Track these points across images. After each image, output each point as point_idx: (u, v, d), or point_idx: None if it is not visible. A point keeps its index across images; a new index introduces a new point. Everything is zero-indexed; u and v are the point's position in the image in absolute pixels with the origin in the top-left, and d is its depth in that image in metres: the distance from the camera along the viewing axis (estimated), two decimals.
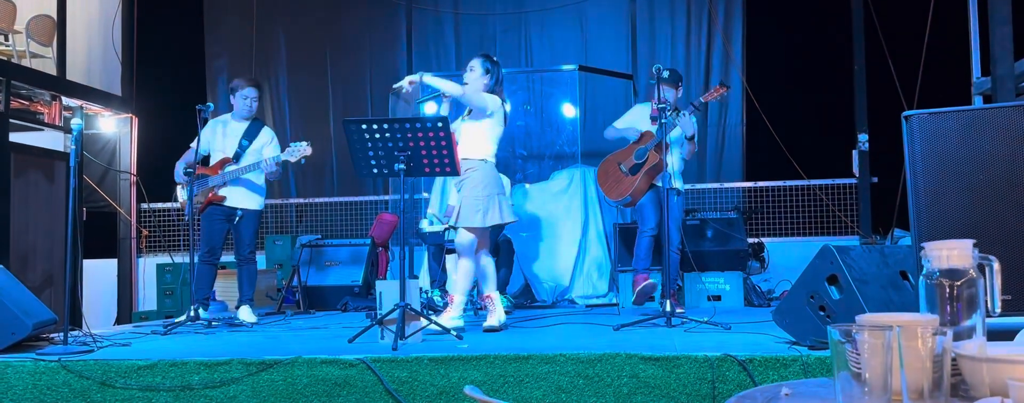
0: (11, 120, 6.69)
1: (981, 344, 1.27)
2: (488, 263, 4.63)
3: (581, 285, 6.80)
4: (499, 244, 6.20)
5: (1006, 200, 2.26)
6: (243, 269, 5.49)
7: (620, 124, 5.63)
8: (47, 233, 7.02)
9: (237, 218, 5.41)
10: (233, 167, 5.38)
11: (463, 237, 4.54)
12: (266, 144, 5.53)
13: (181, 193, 5.46)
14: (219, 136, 5.45)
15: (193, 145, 5.43)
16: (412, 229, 6.52)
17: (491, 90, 4.64)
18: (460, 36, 9.19)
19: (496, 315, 4.58)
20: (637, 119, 5.59)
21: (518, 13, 9.04)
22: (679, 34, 8.73)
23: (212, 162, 5.41)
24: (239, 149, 5.43)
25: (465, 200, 4.51)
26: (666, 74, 5.45)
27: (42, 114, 7.42)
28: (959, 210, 2.30)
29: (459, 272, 4.65)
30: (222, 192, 5.38)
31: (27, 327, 3.94)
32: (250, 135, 5.48)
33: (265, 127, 5.61)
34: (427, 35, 9.25)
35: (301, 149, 5.26)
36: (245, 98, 5.45)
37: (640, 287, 5.39)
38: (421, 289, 5.46)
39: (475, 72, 4.65)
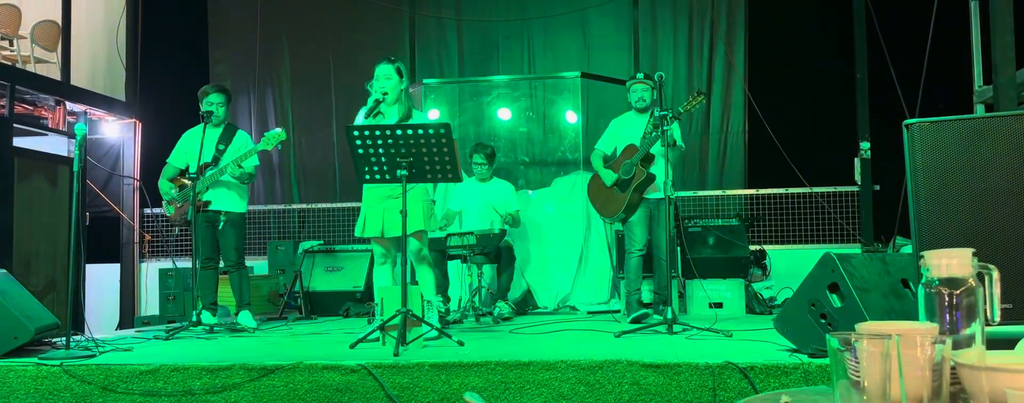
0: (15, 125, 6.71)
1: (980, 353, 1.27)
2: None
3: (582, 292, 6.79)
4: (500, 250, 6.20)
5: (1007, 209, 2.26)
6: (234, 275, 5.54)
7: (604, 146, 5.65)
8: (50, 237, 7.03)
9: (221, 223, 5.45)
10: (212, 171, 5.39)
11: (421, 241, 4.64)
12: (243, 147, 5.56)
13: (167, 208, 5.54)
14: (194, 145, 5.44)
15: (170, 160, 5.56)
16: None
17: (405, 92, 4.73)
18: (463, 42, 9.21)
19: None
20: (619, 134, 5.60)
21: (521, 20, 9.06)
22: (681, 42, 8.74)
23: (192, 171, 5.43)
24: (216, 153, 5.46)
25: (424, 206, 4.61)
26: (641, 76, 5.49)
27: (46, 119, 7.45)
28: (960, 219, 2.31)
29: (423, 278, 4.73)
30: (205, 197, 5.41)
31: (29, 331, 3.95)
32: (225, 139, 5.51)
33: (240, 131, 5.66)
34: (430, 41, 9.26)
35: (275, 135, 5.30)
36: (210, 104, 5.48)
37: (636, 316, 5.35)
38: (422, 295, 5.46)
39: (392, 79, 4.67)
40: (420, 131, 4.06)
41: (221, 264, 5.63)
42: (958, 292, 1.28)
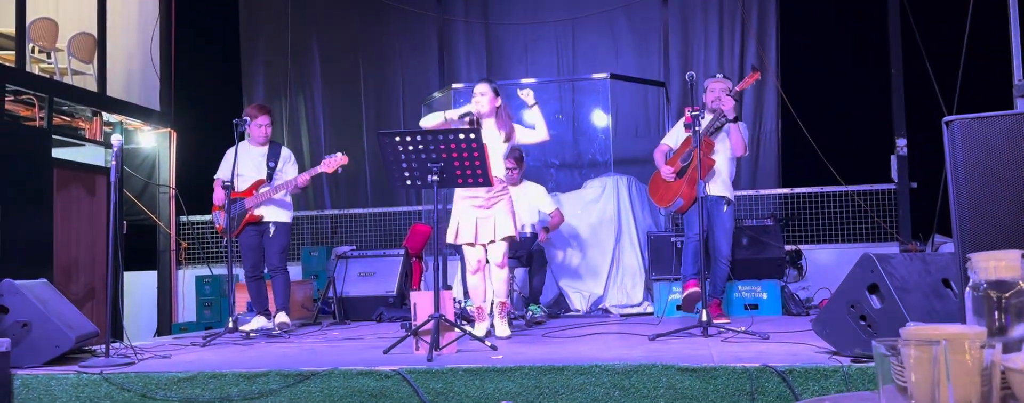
0: (54, 136, 6.83)
1: None
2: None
3: (615, 294, 6.75)
4: (532, 253, 6.19)
5: None
6: (276, 279, 5.74)
7: (670, 140, 5.60)
8: (89, 246, 7.15)
9: (271, 232, 5.68)
10: (266, 188, 5.64)
11: (506, 247, 4.78)
12: (287, 162, 5.81)
13: (217, 217, 5.76)
14: (244, 162, 5.65)
15: (218, 176, 5.73)
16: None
17: (504, 110, 4.89)
18: (491, 46, 9.22)
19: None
20: (680, 130, 5.52)
21: (549, 22, 9.05)
22: (712, 41, 8.67)
23: (239, 186, 5.62)
24: (268, 170, 5.71)
25: (516, 213, 4.84)
26: (721, 76, 5.50)
27: (83, 130, 7.58)
28: (1003, 217, 2.25)
29: (501, 282, 4.80)
30: (258, 212, 5.64)
31: (70, 340, 4.01)
32: (273, 157, 5.76)
33: (282, 147, 5.89)
34: (458, 45, 9.29)
35: (337, 159, 5.54)
36: (260, 126, 5.68)
37: (687, 294, 5.30)
38: (455, 299, 5.47)
39: (487, 96, 4.81)
40: (450, 136, 4.07)
41: (265, 272, 5.77)
42: (1007, 295, 1.24)
